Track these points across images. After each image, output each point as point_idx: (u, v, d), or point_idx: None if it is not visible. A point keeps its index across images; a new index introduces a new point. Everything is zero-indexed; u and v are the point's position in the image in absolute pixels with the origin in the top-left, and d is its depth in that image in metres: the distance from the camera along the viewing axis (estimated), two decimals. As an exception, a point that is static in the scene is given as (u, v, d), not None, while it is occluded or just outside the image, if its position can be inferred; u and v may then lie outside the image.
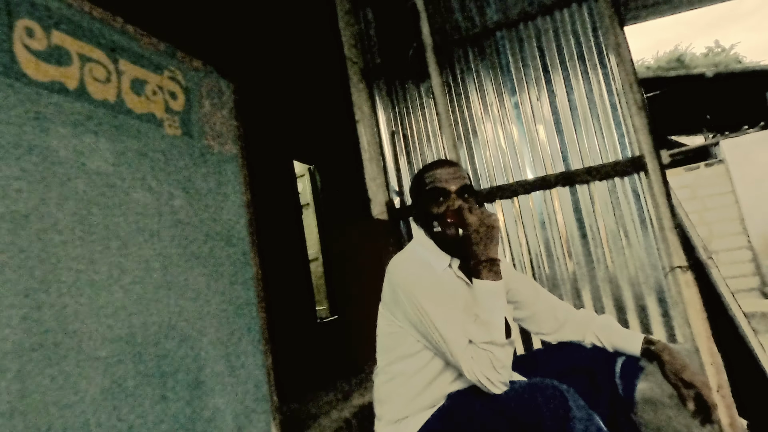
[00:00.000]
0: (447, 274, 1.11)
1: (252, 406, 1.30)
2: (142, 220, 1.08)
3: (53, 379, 0.83)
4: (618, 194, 2.12)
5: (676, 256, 1.93)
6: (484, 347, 0.94)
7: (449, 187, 1.10)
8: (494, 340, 0.94)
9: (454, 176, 1.11)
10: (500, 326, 0.96)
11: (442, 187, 1.10)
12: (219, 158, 1.38)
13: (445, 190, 1.10)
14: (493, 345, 0.94)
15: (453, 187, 1.10)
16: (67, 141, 0.94)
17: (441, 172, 1.12)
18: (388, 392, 1.09)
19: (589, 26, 2.25)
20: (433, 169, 1.15)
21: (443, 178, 1.11)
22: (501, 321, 0.97)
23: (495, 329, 0.95)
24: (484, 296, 0.99)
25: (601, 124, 2.19)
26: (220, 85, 1.45)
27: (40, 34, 0.92)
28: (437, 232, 1.11)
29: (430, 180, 1.13)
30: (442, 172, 1.12)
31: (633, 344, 1.11)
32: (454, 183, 1.10)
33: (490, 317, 0.97)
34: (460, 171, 1.14)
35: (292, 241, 2.35)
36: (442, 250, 1.13)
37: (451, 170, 1.13)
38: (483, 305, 0.99)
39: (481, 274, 1.01)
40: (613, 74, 2.18)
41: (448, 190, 1.10)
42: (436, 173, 1.13)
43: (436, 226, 1.11)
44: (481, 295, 1.00)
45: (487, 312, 0.97)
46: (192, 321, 1.16)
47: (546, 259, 2.24)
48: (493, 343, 0.94)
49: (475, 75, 2.49)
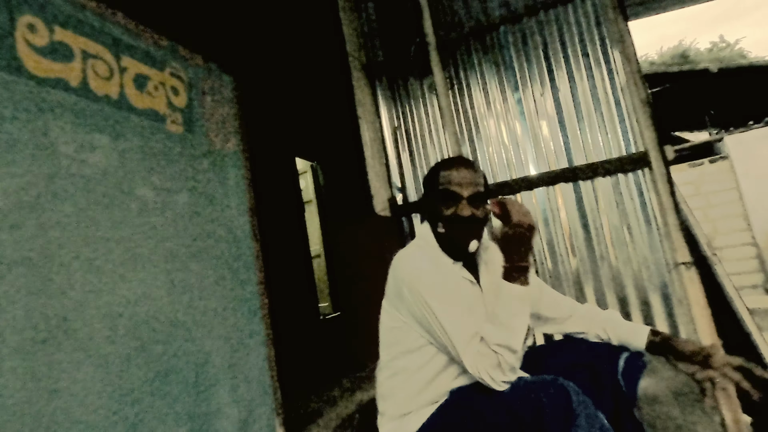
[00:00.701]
0: (452, 271, 1.11)
1: (256, 402, 1.31)
2: (145, 216, 1.08)
3: (57, 376, 0.84)
4: (622, 190, 2.11)
5: (680, 252, 1.92)
6: (495, 348, 0.92)
7: (462, 192, 1.06)
8: (510, 345, 0.92)
9: (469, 181, 1.07)
10: (521, 332, 0.94)
11: (454, 191, 1.07)
12: (221, 155, 1.38)
13: (456, 194, 1.07)
14: (506, 349, 0.92)
15: (465, 193, 1.06)
16: (70, 137, 0.94)
17: (457, 175, 1.08)
18: (391, 388, 1.09)
19: (592, 21, 2.24)
20: (449, 169, 1.10)
21: (458, 182, 1.07)
22: (523, 327, 0.95)
23: (515, 335, 0.93)
24: (511, 301, 0.96)
25: (605, 119, 2.18)
26: (222, 81, 1.45)
27: (42, 30, 0.92)
28: (441, 234, 1.10)
29: (444, 180, 1.09)
30: (458, 175, 1.08)
31: (639, 336, 1.11)
32: (467, 189, 1.06)
33: (513, 322, 0.94)
34: (477, 176, 1.09)
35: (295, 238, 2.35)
36: (444, 252, 1.12)
37: (468, 174, 1.08)
38: (508, 309, 0.96)
39: (513, 278, 0.98)
40: (616, 69, 2.17)
41: (460, 194, 1.06)
42: (452, 175, 1.08)
43: (441, 227, 1.09)
44: (509, 298, 0.97)
45: (511, 316, 0.95)
46: (195, 317, 1.16)
47: (549, 255, 2.23)
48: (508, 348, 0.92)
49: (477, 70, 2.48)
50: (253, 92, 1.99)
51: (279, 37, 2.40)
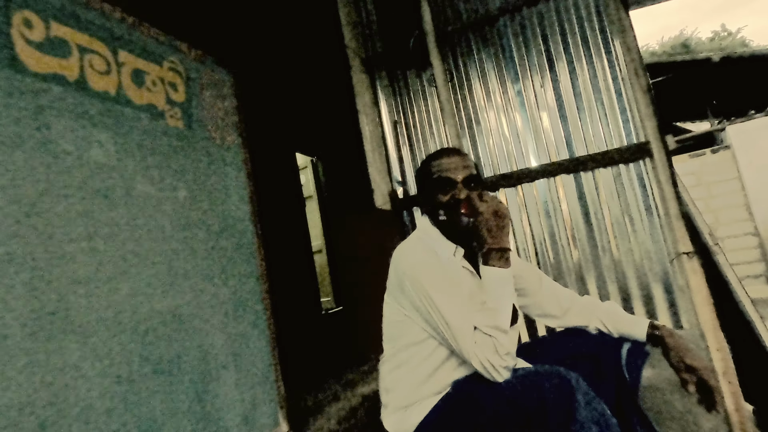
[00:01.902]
0: (452, 263, 1.11)
1: (259, 396, 1.31)
2: (145, 212, 1.08)
3: (60, 371, 0.84)
4: (623, 181, 2.10)
5: (682, 242, 1.92)
6: (487, 331, 0.95)
7: (456, 176, 1.09)
8: (499, 325, 0.95)
9: (460, 165, 1.10)
10: (507, 313, 0.97)
11: (448, 176, 1.09)
12: (221, 150, 1.38)
13: (451, 179, 1.09)
14: (497, 330, 0.95)
15: (459, 177, 1.09)
16: (68, 133, 0.94)
17: (447, 162, 1.11)
18: (394, 380, 1.10)
19: (593, 10, 2.22)
20: (439, 158, 1.14)
21: (450, 168, 1.10)
22: (508, 308, 0.98)
23: (501, 316, 0.96)
24: (493, 283, 1.00)
25: (606, 110, 2.17)
26: (221, 75, 1.44)
27: (38, 25, 0.91)
28: (443, 221, 1.11)
29: (436, 169, 1.12)
30: (449, 161, 1.11)
31: (638, 329, 1.11)
32: (461, 172, 1.09)
33: (498, 304, 0.98)
34: (467, 160, 1.13)
35: (296, 233, 2.35)
36: (448, 238, 1.12)
37: (458, 159, 1.12)
38: (491, 292, 1.00)
39: (491, 261, 1.02)
40: (617, 60, 2.15)
41: (455, 179, 1.09)
42: (443, 162, 1.12)
43: (442, 215, 1.11)
44: (491, 282, 1.01)
45: (495, 299, 0.98)
46: (198, 313, 1.17)
47: (551, 247, 2.23)
48: (497, 328, 0.95)
49: (477, 62, 2.46)
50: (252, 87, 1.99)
51: (278, 31, 2.38)
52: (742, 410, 1.64)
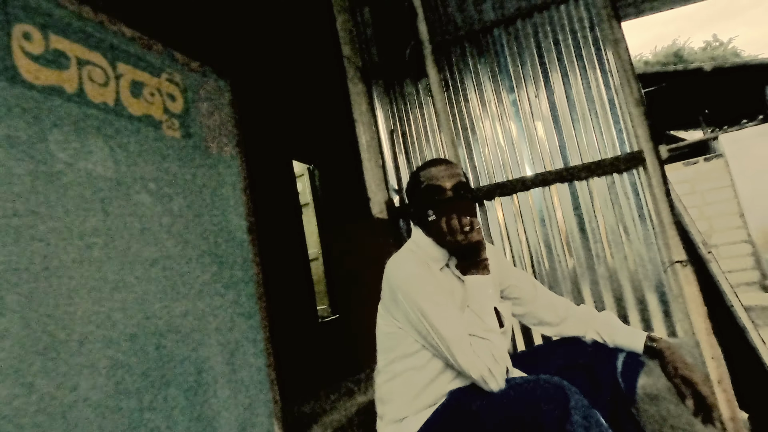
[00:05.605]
0: (444, 273, 1.12)
1: (254, 406, 1.31)
2: (142, 222, 1.08)
3: (55, 380, 0.84)
4: (617, 190, 2.12)
5: (676, 251, 1.93)
6: (483, 335, 0.97)
7: (444, 184, 1.11)
8: (490, 326, 0.99)
9: (449, 174, 1.12)
10: (491, 313, 1.01)
11: (437, 184, 1.11)
12: (218, 159, 1.38)
13: (440, 187, 1.11)
14: (491, 332, 0.98)
15: (448, 185, 1.11)
16: (67, 144, 0.94)
17: (436, 170, 1.13)
18: (389, 391, 1.10)
19: (586, 22, 2.25)
20: (428, 168, 1.16)
21: (438, 176, 1.12)
22: (491, 308, 1.02)
23: (487, 316, 1.01)
24: (474, 288, 1.05)
25: (600, 120, 2.19)
26: (218, 86, 1.45)
27: (38, 38, 0.92)
28: (433, 230, 1.12)
29: (425, 178, 1.14)
30: (437, 170, 1.13)
31: (636, 341, 1.11)
32: (449, 180, 1.11)
33: (481, 306, 1.02)
34: (456, 168, 1.15)
35: (293, 241, 2.35)
36: (441, 246, 1.13)
37: (447, 168, 1.13)
38: (474, 296, 1.04)
39: (470, 272, 1.07)
40: (610, 70, 2.18)
41: (444, 187, 1.10)
42: (432, 171, 1.14)
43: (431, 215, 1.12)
44: (472, 287, 1.05)
45: (478, 302, 1.03)
46: (193, 322, 1.16)
47: (546, 255, 2.24)
48: (491, 330, 0.99)
49: (473, 72, 2.49)
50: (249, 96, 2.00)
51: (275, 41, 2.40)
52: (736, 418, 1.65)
